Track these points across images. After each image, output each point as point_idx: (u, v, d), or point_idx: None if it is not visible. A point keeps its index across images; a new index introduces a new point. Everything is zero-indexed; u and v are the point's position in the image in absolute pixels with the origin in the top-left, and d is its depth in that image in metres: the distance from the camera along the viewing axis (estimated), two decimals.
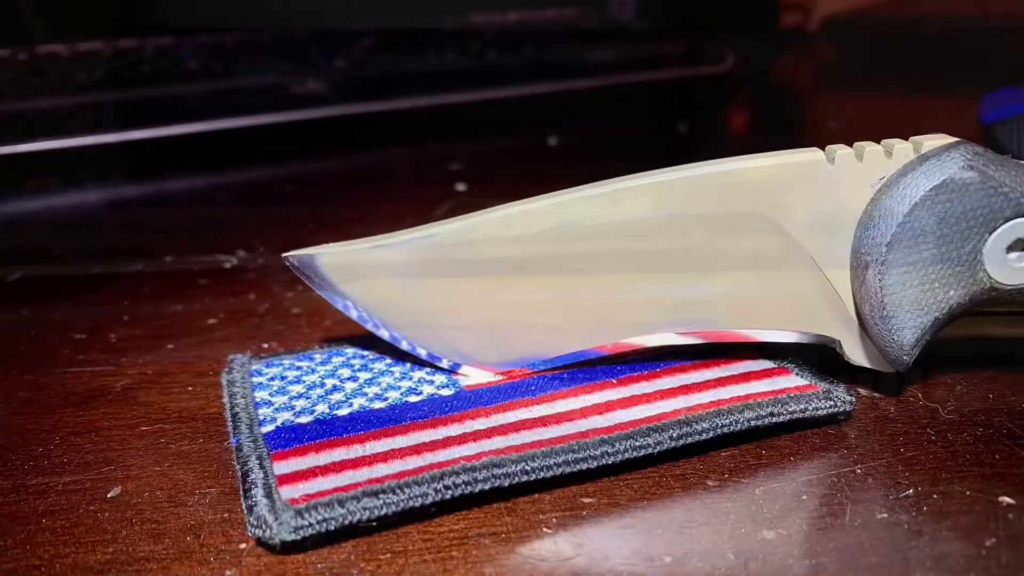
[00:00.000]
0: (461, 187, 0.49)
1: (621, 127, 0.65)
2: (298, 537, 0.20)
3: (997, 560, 0.20)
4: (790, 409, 0.24)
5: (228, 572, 0.20)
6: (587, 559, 0.20)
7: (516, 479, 0.22)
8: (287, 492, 0.21)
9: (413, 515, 0.22)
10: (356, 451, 0.23)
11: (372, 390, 0.27)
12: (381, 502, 0.21)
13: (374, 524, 0.21)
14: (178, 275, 0.38)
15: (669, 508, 0.22)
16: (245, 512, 0.21)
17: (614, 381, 0.27)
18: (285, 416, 0.25)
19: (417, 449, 0.23)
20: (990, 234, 0.23)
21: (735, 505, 0.22)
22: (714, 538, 0.21)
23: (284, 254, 0.26)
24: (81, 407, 0.28)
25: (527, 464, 0.22)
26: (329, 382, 0.27)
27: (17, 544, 0.22)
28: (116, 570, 0.21)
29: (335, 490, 0.21)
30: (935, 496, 0.22)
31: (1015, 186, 0.23)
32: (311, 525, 0.20)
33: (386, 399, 0.26)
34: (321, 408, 0.26)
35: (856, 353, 0.26)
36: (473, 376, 0.27)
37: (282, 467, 0.23)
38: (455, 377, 0.27)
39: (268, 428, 0.25)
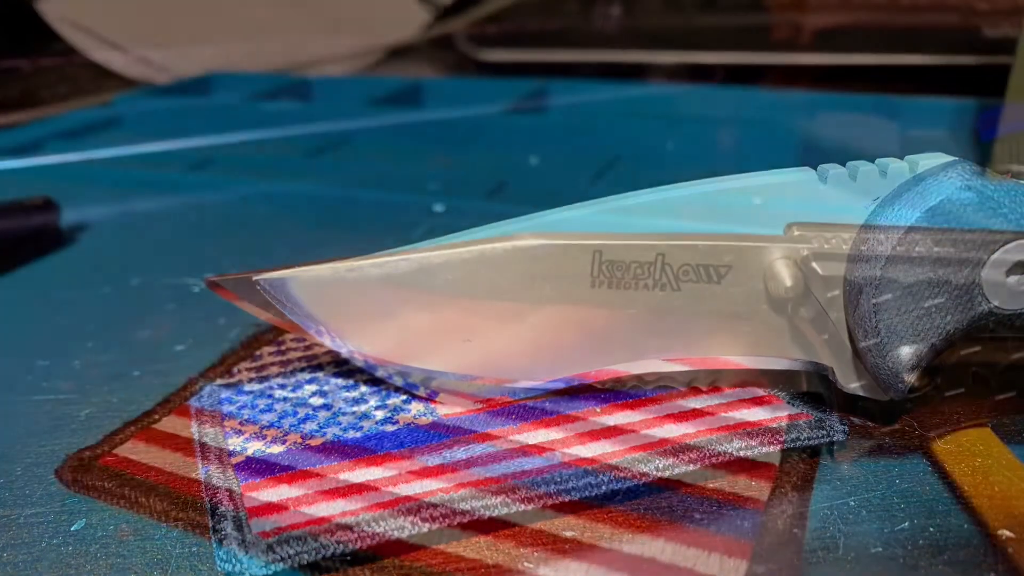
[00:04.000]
0: (439, 208, 0.48)
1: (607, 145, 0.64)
2: (269, 572, 0.20)
3: None
4: (781, 439, 0.24)
5: None
6: None
7: (495, 511, 0.21)
8: (258, 525, 0.21)
9: (389, 549, 0.21)
10: (330, 482, 0.23)
11: (346, 419, 0.26)
12: (356, 535, 0.20)
13: (348, 558, 0.21)
14: (145, 299, 0.37)
15: (654, 542, 0.21)
16: (214, 546, 0.21)
17: (598, 409, 0.26)
18: (256, 446, 0.25)
19: (393, 480, 0.23)
20: (989, 257, 0.23)
21: (723, 539, 0.21)
22: (701, 573, 0.20)
23: (255, 277, 0.25)
24: (44, 437, 0.27)
25: (507, 496, 0.22)
26: (301, 410, 0.26)
27: None
28: None
29: (308, 523, 0.21)
30: (931, 529, 0.22)
31: (1014, 207, 0.22)
32: (283, 559, 0.20)
33: (361, 428, 0.25)
34: (293, 438, 0.25)
35: (849, 380, 0.25)
36: (451, 405, 0.27)
37: (253, 499, 0.22)
38: (432, 406, 0.27)
39: (238, 458, 0.24)
